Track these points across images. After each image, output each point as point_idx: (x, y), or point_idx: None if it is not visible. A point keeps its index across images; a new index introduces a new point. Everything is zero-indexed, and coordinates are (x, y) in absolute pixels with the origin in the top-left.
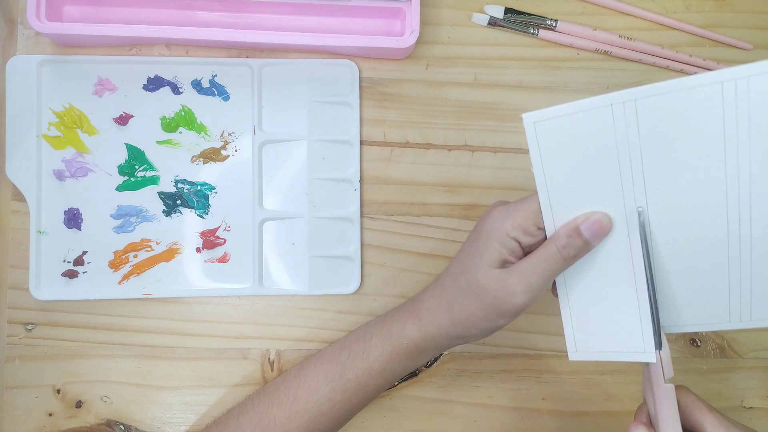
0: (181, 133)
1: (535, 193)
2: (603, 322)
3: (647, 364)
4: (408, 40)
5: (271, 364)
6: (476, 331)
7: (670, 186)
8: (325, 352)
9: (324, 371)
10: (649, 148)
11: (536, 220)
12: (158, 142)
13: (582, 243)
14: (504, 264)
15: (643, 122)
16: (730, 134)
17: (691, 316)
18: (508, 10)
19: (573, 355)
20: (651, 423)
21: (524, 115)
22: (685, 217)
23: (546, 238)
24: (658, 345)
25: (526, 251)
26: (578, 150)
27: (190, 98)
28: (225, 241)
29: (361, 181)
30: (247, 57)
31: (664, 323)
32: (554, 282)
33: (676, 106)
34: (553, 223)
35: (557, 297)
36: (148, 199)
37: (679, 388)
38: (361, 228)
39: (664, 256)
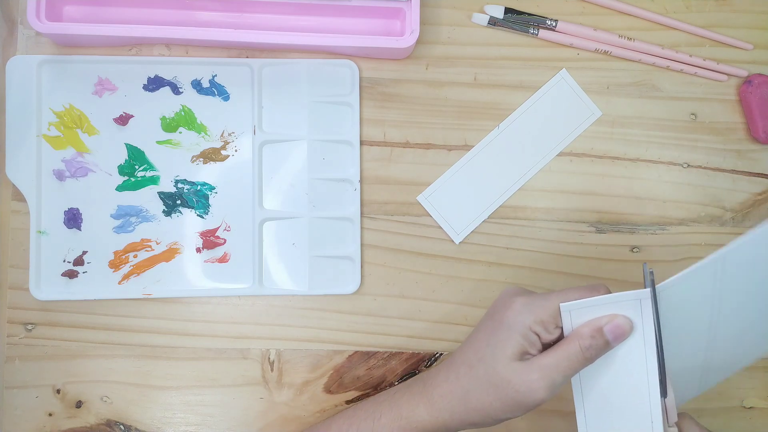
0: (181, 133)
1: (555, 292)
2: (615, 413)
3: None
4: (408, 40)
5: (271, 364)
6: (491, 421)
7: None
8: (332, 426)
9: None
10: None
11: (556, 320)
12: (158, 142)
13: (603, 344)
14: (524, 356)
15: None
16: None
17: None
18: (508, 10)
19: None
20: None
21: (561, 305)
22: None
23: (562, 334)
24: (664, 393)
25: (544, 344)
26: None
27: (190, 98)
28: (225, 241)
29: (361, 181)
30: (247, 57)
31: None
32: None
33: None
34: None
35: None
36: (148, 199)
37: (683, 416)
38: (361, 228)
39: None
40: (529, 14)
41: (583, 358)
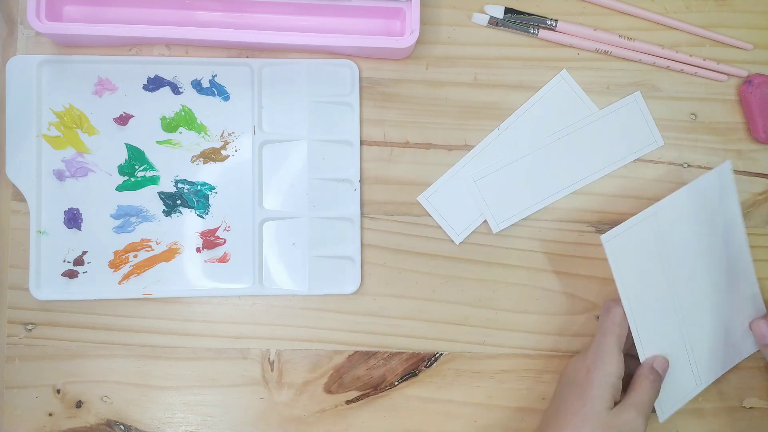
0: (181, 133)
1: (604, 329)
2: (672, 386)
3: None
4: (408, 40)
5: (271, 364)
6: None
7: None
8: None
9: None
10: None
11: (620, 347)
12: (158, 142)
13: (658, 377)
14: (613, 404)
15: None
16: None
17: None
18: (508, 10)
19: (662, 418)
20: None
21: (603, 237)
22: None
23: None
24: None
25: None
26: (640, 262)
27: (190, 98)
28: (225, 241)
29: (361, 181)
30: (247, 57)
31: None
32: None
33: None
34: (638, 333)
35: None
36: (148, 199)
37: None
38: (361, 228)
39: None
40: (529, 14)
41: (654, 391)
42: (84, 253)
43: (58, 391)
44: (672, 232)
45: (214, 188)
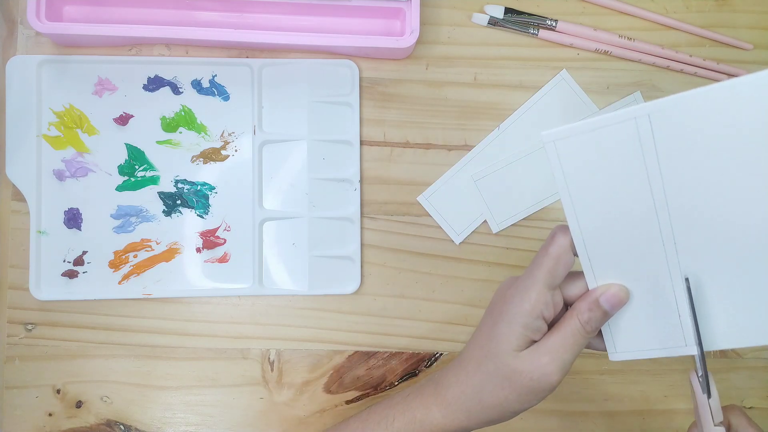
0: (181, 133)
1: (542, 255)
2: (642, 324)
3: (696, 405)
4: (408, 40)
5: (271, 364)
6: (509, 414)
7: (704, 203)
8: (346, 430)
9: None
10: (678, 161)
11: (551, 284)
12: (158, 142)
13: (602, 314)
14: (530, 343)
15: (669, 135)
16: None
17: (729, 333)
18: (508, 10)
19: (613, 356)
20: None
21: (543, 134)
22: (725, 237)
23: (565, 304)
24: (707, 392)
25: (550, 321)
26: (605, 172)
27: (190, 98)
28: (225, 241)
29: (361, 181)
30: (247, 57)
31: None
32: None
33: (701, 113)
34: (587, 256)
35: None
36: (148, 199)
37: (730, 408)
38: (361, 228)
39: (703, 275)
40: (529, 14)
41: (585, 332)
42: (84, 253)
43: (58, 391)
44: (686, 135)
45: (214, 188)
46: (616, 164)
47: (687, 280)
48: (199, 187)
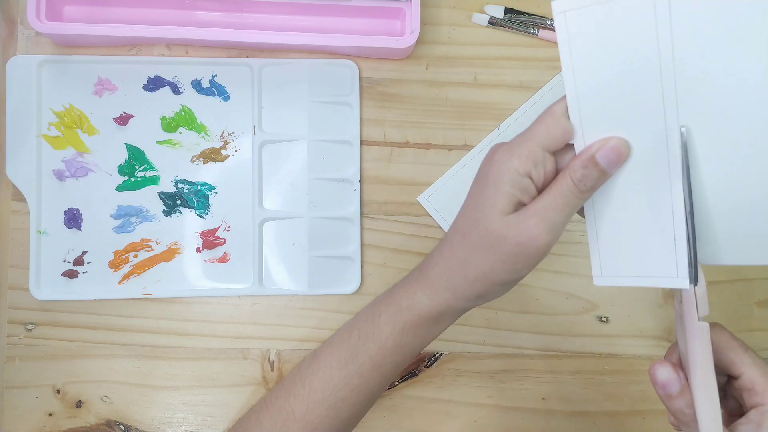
0: (181, 133)
1: (536, 120)
2: (633, 246)
3: (680, 301)
4: (408, 40)
5: (271, 364)
6: (498, 287)
7: (717, 102)
8: (335, 337)
9: (336, 357)
10: (696, 47)
11: (544, 144)
12: (158, 142)
13: (598, 173)
14: (518, 207)
15: (690, 17)
16: None
17: (731, 250)
18: (508, 10)
19: (597, 280)
20: (681, 363)
21: (554, 3)
22: (735, 139)
23: (557, 169)
24: (694, 280)
25: (540, 187)
26: (613, 47)
27: (190, 98)
28: (225, 241)
29: (361, 181)
30: (247, 57)
31: (701, 256)
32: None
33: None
34: (581, 129)
35: (584, 217)
36: (148, 199)
37: (713, 326)
38: (361, 228)
39: (706, 182)
40: (529, 14)
41: (578, 191)
42: (84, 253)
43: (58, 391)
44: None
45: (214, 188)
46: (626, 40)
47: (682, 134)
48: (199, 187)
